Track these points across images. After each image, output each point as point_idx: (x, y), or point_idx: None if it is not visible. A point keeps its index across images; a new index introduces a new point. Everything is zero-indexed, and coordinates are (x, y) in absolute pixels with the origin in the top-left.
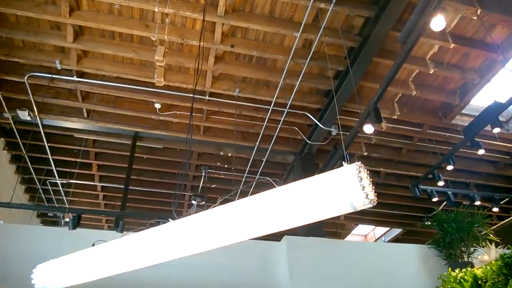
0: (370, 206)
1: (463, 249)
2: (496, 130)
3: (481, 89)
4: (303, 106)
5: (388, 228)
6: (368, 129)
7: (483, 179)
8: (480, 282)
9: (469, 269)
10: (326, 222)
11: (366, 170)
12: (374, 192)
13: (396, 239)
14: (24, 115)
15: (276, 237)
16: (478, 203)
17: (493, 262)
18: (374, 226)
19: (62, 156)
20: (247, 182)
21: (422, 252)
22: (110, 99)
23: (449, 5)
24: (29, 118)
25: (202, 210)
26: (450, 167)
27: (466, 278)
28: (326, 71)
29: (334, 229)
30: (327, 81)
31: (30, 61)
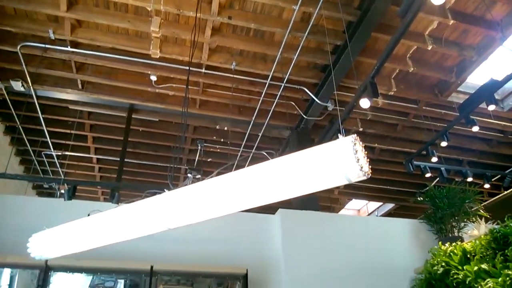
0: (365, 178)
1: (454, 224)
2: (491, 108)
3: (478, 66)
4: (300, 81)
5: (381, 203)
6: (364, 103)
7: (476, 157)
8: (468, 256)
9: (458, 243)
10: (321, 197)
11: (361, 143)
12: (369, 165)
13: (388, 214)
14: (17, 86)
15: (271, 210)
16: (470, 180)
17: (482, 236)
18: (367, 201)
19: (57, 128)
20: (243, 157)
21: (414, 226)
22: (105, 71)
23: None
24: (22, 89)
25: None
26: (444, 144)
27: (455, 251)
28: (324, 45)
29: (328, 203)
30: (325, 55)
31: (23, 30)
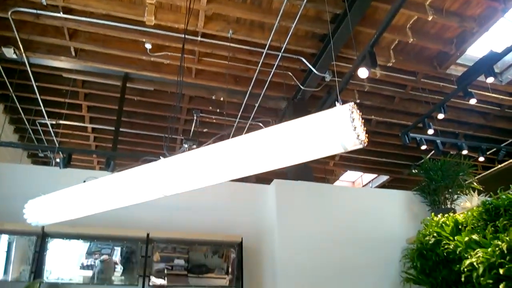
0: (361, 147)
1: (447, 196)
2: (490, 80)
3: (478, 38)
4: (298, 51)
5: (375, 175)
6: (362, 73)
7: (472, 130)
8: (460, 227)
9: (451, 214)
10: (315, 168)
11: (358, 112)
12: (365, 133)
13: (382, 186)
14: (9, 53)
15: (267, 182)
16: (465, 153)
17: (474, 208)
18: (362, 173)
19: (51, 96)
20: (239, 127)
21: (407, 198)
22: (99, 38)
23: None
24: (15, 56)
25: None
26: (441, 116)
27: (447, 222)
28: (323, 14)
29: (323, 175)
30: (324, 24)
31: None
